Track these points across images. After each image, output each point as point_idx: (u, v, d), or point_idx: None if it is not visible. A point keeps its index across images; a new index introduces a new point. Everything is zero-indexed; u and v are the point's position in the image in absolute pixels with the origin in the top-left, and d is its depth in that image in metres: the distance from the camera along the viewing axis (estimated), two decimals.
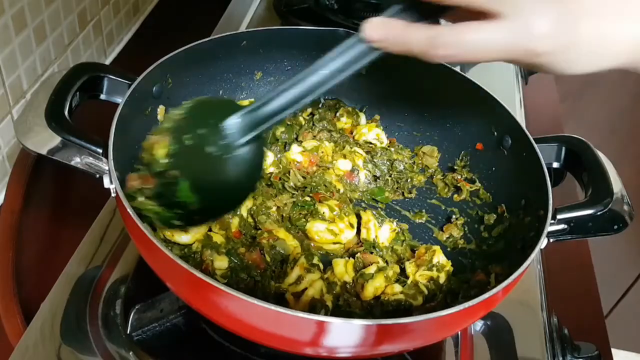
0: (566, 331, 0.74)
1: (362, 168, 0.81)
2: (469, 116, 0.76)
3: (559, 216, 0.62)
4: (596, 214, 0.62)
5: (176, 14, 1.31)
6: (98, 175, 0.60)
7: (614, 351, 1.71)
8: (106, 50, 1.13)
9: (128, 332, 0.65)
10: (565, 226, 0.62)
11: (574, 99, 1.58)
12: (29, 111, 0.62)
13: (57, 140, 0.59)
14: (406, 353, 0.67)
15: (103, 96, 0.69)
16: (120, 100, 0.63)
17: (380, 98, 0.85)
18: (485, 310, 0.57)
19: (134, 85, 0.65)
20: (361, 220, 0.74)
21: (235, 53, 0.78)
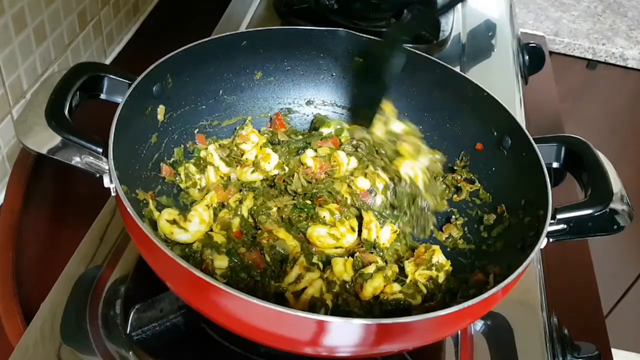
0: (566, 331, 0.74)
1: (381, 192, 0.77)
2: (469, 116, 0.76)
3: (559, 216, 0.62)
4: (596, 214, 0.62)
5: (176, 14, 1.31)
6: (98, 175, 0.60)
7: (614, 351, 1.72)
8: (106, 50, 1.13)
9: (128, 332, 0.65)
10: (565, 226, 0.62)
11: (574, 99, 1.58)
12: (29, 111, 0.62)
13: (57, 139, 0.59)
14: (406, 353, 0.67)
15: (103, 96, 0.69)
16: (120, 100, 0.63)
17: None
18: (485, 309, 0.57)
19: (134, 85, 0.65)
20: (362, 221, 0.74)
21: (235, 53, 0.78)
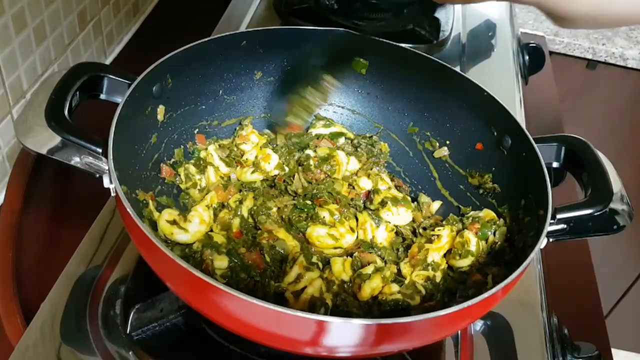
0: (566, 331, 0.74)
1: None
2: (469, 116, 0.76)
3: (559, 216, 0.62)
4: (596, 214, 0.62)
5: (176, 14, 1.31)
6: (98, 175, 0.60)
7: (614, 351, 1.71)
8: (106, 50, 1.13)
9: (128, 332, 0.65)
10: (565, 226, 0.62)
11: (574, 99, 1.58)
12: (29, 111, 0.62)
13: (57, 139, 0.59)
14: (406, 353, 0.67)
15: (103, 96, 0.69)
16: (120, 100, 0.63)
17: (379, 98, 0.85)
18: (485, 309, 0.57)
19: (134, 85, 0.65)
20: (358, 222, 0.74)
21: (235, 53, 0.78)
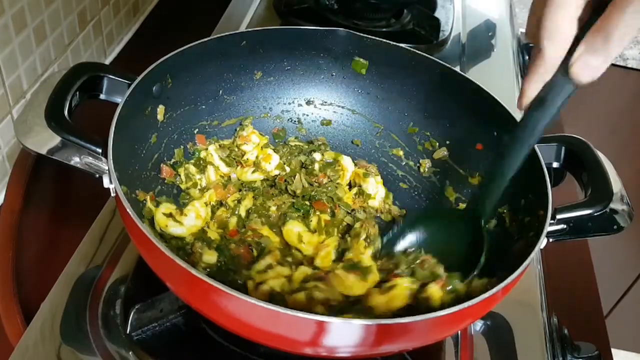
0: (566, 331, 0.74)
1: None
2: (469, 116, 0.76)
3: (559, 216, 0.62)
4: (596, 214, 0.62)
5: (176, 14, 1.31)
6: (98, 175, 0.60)
7: (614, 351, 1.71)
8: (106, 50, 1.13)
9: (128, 332, 0.65)
10: (565, 226, 0.62)
11: (574, 99, 1.58)
12: (29, 111, 0.62)
13: (57, 139, 0.59)
14: (406, 353, 0.67)
15: (103, 96, 0.69)
16: (120, 100, 0.63)
17: (379, 98, 0.85)
18: (485, 310, 0.56)
19: (133, 85, 0.65)
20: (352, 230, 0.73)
21: (235, 53, 0.78)
